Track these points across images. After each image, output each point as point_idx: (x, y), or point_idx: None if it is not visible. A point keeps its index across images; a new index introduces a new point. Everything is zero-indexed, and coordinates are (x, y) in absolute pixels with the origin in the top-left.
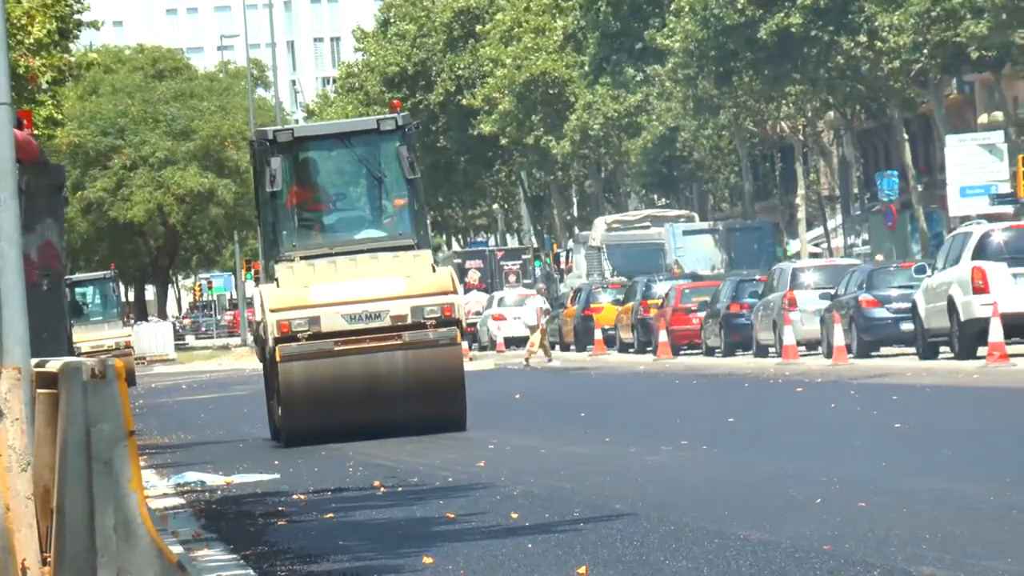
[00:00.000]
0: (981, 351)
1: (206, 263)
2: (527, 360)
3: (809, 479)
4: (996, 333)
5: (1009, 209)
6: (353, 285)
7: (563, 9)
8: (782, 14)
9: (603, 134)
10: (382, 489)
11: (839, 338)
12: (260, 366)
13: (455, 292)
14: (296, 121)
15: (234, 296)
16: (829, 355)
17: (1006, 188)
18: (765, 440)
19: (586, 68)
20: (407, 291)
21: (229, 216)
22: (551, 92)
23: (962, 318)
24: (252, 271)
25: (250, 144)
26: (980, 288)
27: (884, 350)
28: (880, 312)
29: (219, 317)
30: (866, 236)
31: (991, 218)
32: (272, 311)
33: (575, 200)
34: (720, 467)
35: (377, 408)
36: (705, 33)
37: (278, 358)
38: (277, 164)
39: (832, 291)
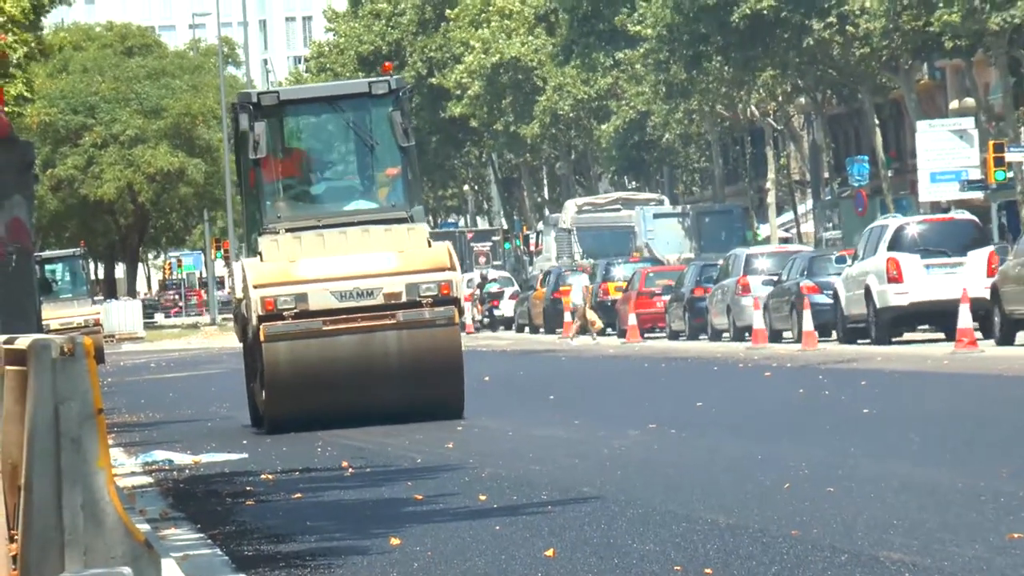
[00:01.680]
0: (896, 337)
1: (176, 242)
2: (594, 335)
3: (777, 464)
4: (965, 319)
5: (979, 195)
6: (343, 260)
7: None
8: None
9: (573, 116)
10: (350, 470)
11: (808, 323)
12: (229, 345)
13: (453, 268)
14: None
15: (204, 275)
16: (799, 340)
17: (976, 174)
18: (734, 425)
19: (556, 49)
20: (401, 267)
21: (199, 195)
22: (519, 77)
23: (878, 306)
24: (222, 250)
25: (232, 107)
26: (895, 278)
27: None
28: (819, 298)
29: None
30: (836, 221)
31: (961, 204)
32: (256, 287)
33: (546, 182)
34: (688, 451)
35: (368, 393)
36: (676, 17)
37: (262, 337)
38: (261, 129)
39: (775, 278)
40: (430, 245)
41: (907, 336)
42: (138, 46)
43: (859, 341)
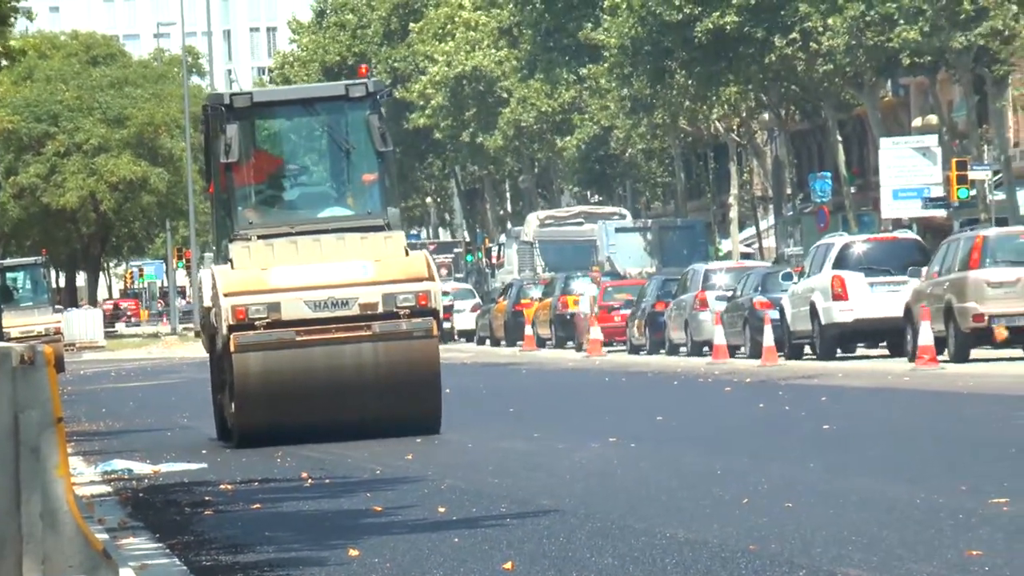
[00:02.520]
0: (840, 353)
1: (138, 251)
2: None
3: (737, 479)
4: (926, 336)
5: (942, 212)
6: (317, 268)
7: (497, 4)
8: (718, 12)
9: (536, 129)
10: (309, 481)
11: (768, 338)
12: (190, 354)
13: (431, 278)
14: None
15: (165, 284)
16: (752, 355)
17: (939, 192)
18: (693, 439)
19: (520, 63)
20: (378, 276)
21: (161, 204)
22: (482, 89)
23: (823, 322)
24: (183, 260)
25: (203, 109)
26: (839, 295)
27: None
28: (772, 314)
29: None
30: (798, 237)
31: (923, 221)
32: (227, 295)
33: (508, 195)
34: (648, 465)
35: (342, 406)
36: (640, 31)
37: (233, 348)
38: (233, 132)
39: (728, 293)
40: (407, 254)
41: (851, 352)
42: (103, 55)
43: (805, 356)
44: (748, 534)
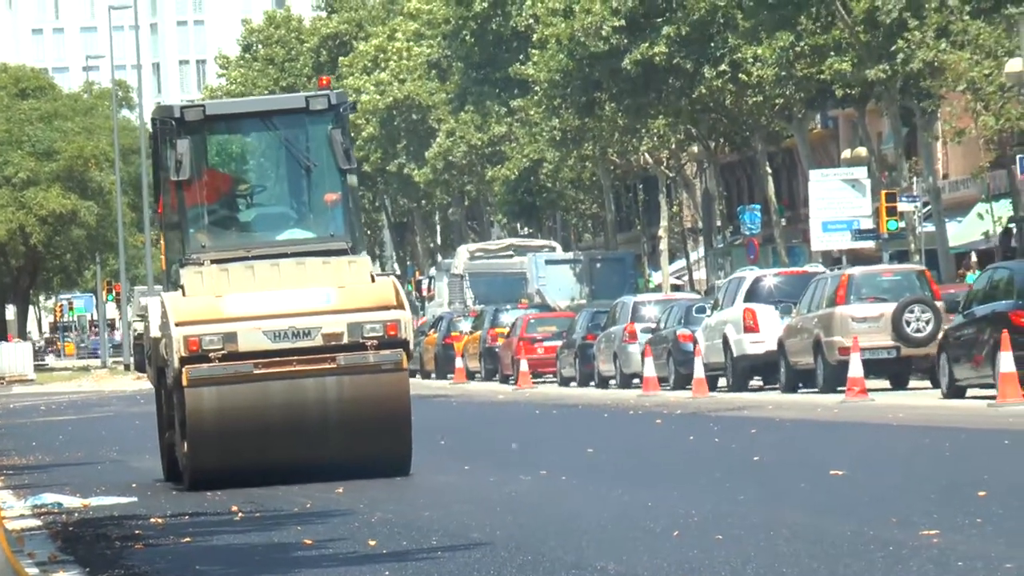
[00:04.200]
0: (752, 384)
1: (68, 284)
2: None
3: (667, 511)
4: (856, 368)
5: (871, 244)
6: (276, 296)
7: (427, 36)
8: (647, 43)
9: (466, 162)
10: (240, 514)
11: (699, 370)
12: (120, 388)
13: (400, 306)
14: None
15: (95, 317)
16: (675, 387)
17: (868, 224)
18: (624, 471)
19: (450, 96)
20: (342, 304)
21: (91, 238)
22: (415, 117)
23: (735, 354)
24: (113, 293)
25: (152, 123)
26: (751, 327)
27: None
28: (690, 346)
29: (83, 337)
30: (728, 269)
31: (853, 253)
32: (178, 324)
33: (438, 227)
34: (579, 498)
35: (304, 446)
36: (570, 63)
37: (185, 382)
38: (184, 148)
39: (653, 325)
40: (374, 280)
41: (771, 383)
42: (32, 88)
43: (719, 387)
44: (679, 566)
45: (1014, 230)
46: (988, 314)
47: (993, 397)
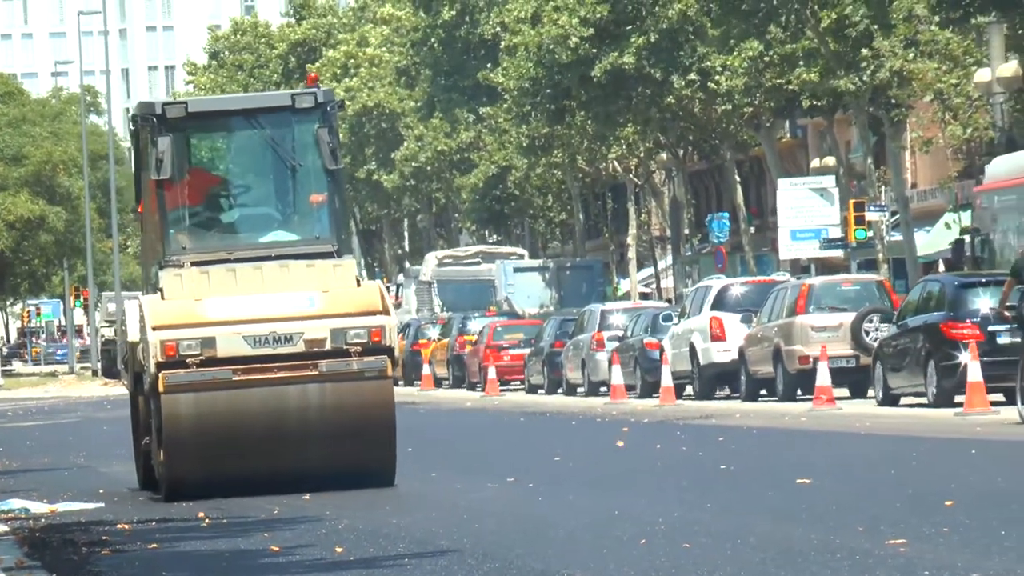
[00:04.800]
0: (719, 392)
1: (35, 290)
2: None
3: (634, 519)
4: (823, 377)
5: (839, 253)
6: (257, 300)
7: (396, 44)
8: (616, 52)
9: (432, 168)
10: (207, 521)
11: (667, 379)
12: (87, 393)
13: (386, 312)
14: (128, 150)
15: (62, 323)
16: (642, 395)
17: (837, 233)
18: (591, 479)
19: (418, 104)
20: (325, 309)
21: (59, 243)
22: (384, 125)
23: (701, 362)
24: (81, 298)
25: (132, 120)
26: (718, 336)
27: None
28: (657, 354)
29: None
30: (696, 277)
31: (822, 262)
32: (155, 328)
33: (406, 234)
34: (546, 505)
35: (284, 455)
36: (539, 71)
37: (161, 388)
38: (166, 146)
39: (620, 333)
40: (359, 284)
41: (736, 392)
42: (1, 94)
43: (685, 395)
44: (645, 574)
45: (967, 240)
46: (920, 325)
47: (925, 405)
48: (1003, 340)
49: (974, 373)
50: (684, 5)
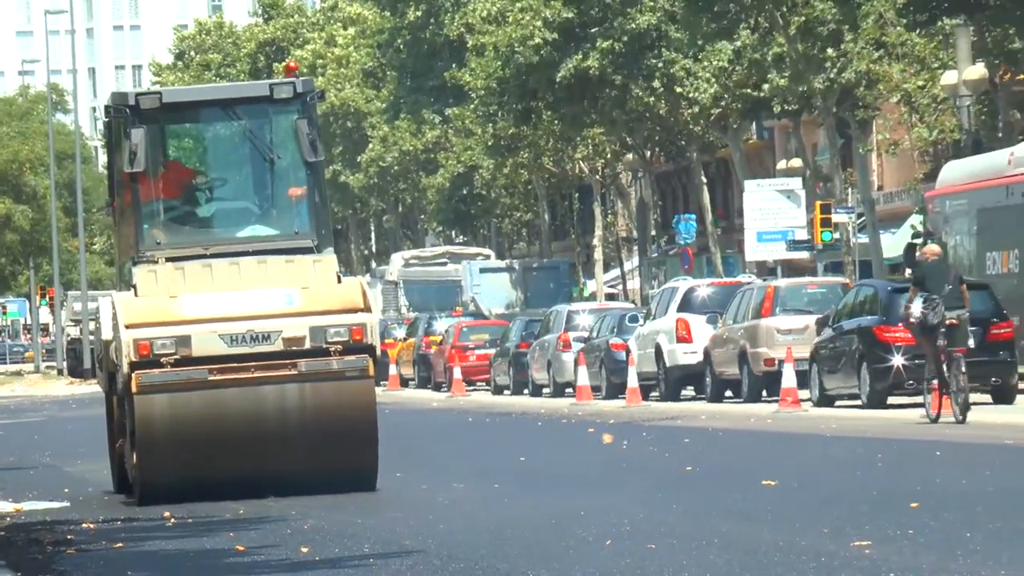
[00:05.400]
0: (685, 394)
1: (1, 288)
2: None
3: (600, 520)
4: (789, 379)
5: (805, 255)
6: (234, 297)
7: (362, 46)
8: (580, 55)
9: (400, 169)
10: (172, 520)
11: (632, 380)
12: (52, 392)
13: (367, 309)
14: (95, 149)
15: (28, 321)
16: (608, 396)
17: (803, 235)
18: (557, 480)
19: (384, 105)
20: (305, 306)
21: (25, 242)
22: (350, 125)
23: (667, 364)
24: (47, 297)
25: (105, 111)
26: (684, 338)
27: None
28: (623, 355)
29: (15, 342)
30: (662, 278)
31: (788, 264)
32: (128, 327)
33: (373, 235)
34: (512, 506)
35: (262, 458)
36: (506, 72)
37: (135, 388)
38: (139, 137)
39: (586, 334)
40: (340, 280)
41: (703, 393)
42: None
43: (651, 396)
44: (611, 575)
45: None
46: (855, 328)
47: (859, 406)
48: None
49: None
50: (652, 14)
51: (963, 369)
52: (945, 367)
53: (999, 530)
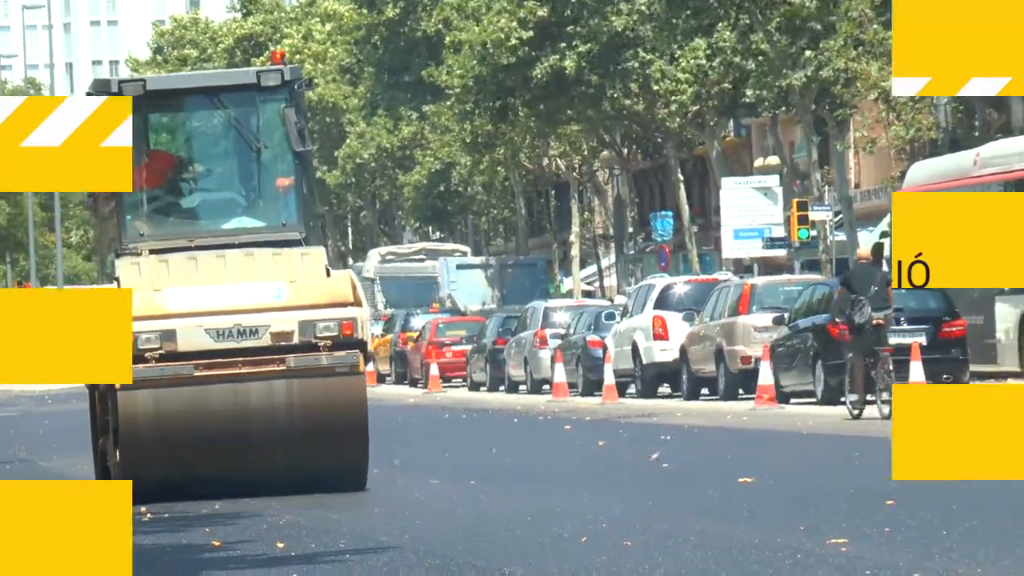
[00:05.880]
0: (661, 391)
1: None
2: None
3: (576, 517)
4: (766, 376)
5: (782, 252)
6: (220, 290)
7: (339, 42)
8: (556, 56)
9: (377, 165)
10: (148, 515)
11: (609, 377)
12: (29, 388)
13: (357, 303)
14: None
15: None
16: (584, 393)
17: (780, 232)
18: (533, 476)
19: (361, 102)
20: (293, 300)
21: (2, 237)
22: (328, 120)
23: (644, 361)
24: None
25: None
26: (660, 335)
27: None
28: (599, 352)
29: None
30: (639, 276)
31: (765, 261)
32: None
33: (350, 231)
34: (488, 502)
35: (249, 456)
36: (483, 69)
37: (118, 384)
38: None
39: (563, 331)
40: (329, 274)
41: (678, 391)
42: None
43: (628, 393)
44: (586, 572)
45: (886, 244)
46: (809, 326)
47: (813, 403)
48: (893, 340)
49: (916, 374)
50: (628, 17)
51: (890, 367)
52: (872, 366)
53: (975, 528)
